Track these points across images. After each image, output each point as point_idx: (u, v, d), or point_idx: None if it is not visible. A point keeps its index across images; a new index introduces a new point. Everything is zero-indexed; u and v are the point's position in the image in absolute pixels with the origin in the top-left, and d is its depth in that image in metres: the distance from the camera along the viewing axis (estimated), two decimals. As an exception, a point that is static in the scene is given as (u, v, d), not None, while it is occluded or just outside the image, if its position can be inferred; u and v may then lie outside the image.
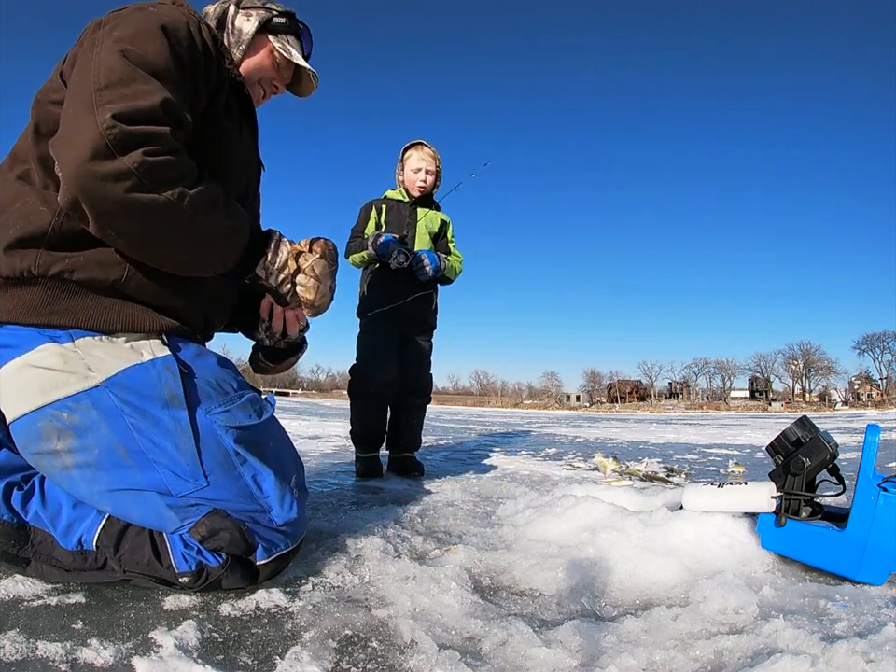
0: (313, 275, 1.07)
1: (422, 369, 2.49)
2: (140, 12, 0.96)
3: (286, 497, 0.95)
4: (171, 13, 0.98)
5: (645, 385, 76.81)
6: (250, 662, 0.70)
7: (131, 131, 0.80)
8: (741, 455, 3.71)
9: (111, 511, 0.90)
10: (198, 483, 0.88)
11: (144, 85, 0.85)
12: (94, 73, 0.84)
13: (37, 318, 0.88)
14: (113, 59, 0.85)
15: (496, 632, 0.78)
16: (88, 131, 0.79)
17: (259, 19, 1.20)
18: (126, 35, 0.89)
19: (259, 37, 1.21)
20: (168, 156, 0.84)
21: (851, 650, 0.68)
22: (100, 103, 0.81)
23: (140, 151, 0.80)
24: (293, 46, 1.25)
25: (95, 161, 0.78)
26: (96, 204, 0.81)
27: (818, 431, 1.15)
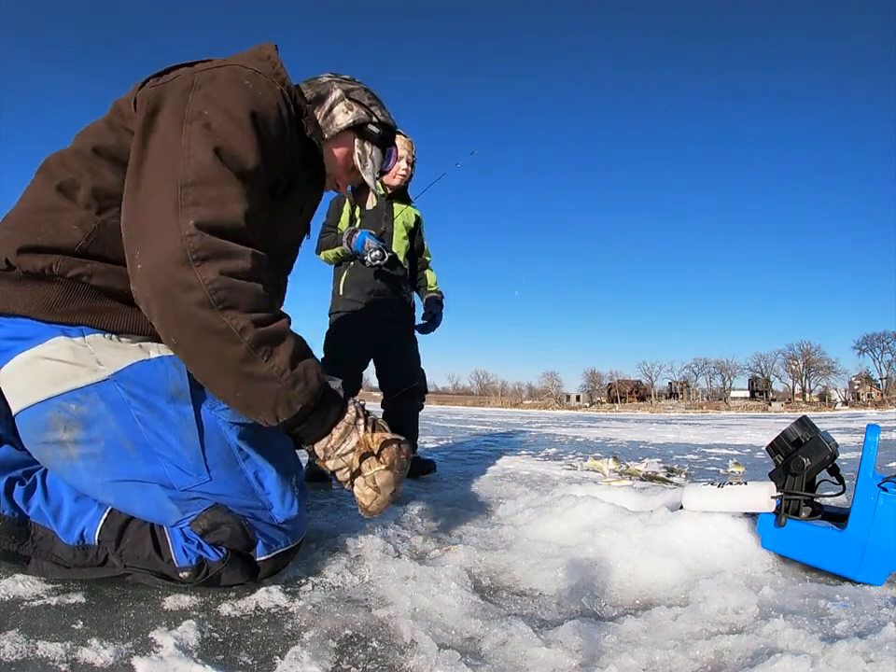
0: (372, 486, 0.94)
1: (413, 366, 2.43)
2: (235, 87, 0.93)
3: (287, 494, 0.96)
4: (264, 93, 0.95)
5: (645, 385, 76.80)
6: (250, 662, 0.70)
7: (210, 243, 0.80)
8: (741, 455, 3.71)
9: (113, 502, 0.90)
10: (200, 478, 0.89)
11: (230, 190, 0.85)
12: (183, 164, 0.83)
13: (52, 316, 0.89)
14: (203, 154, 0.84)
15: (496, 632, 0.78)
16: (170, 233, 0.79)
17: (355, 118, 1.16)
18: (218, 125, 0.87)
19: (346, 133, 1.18)
20: (246, 282, 0.82)
21: (851, 650, 0.68)
22: (185, 203, 0.81)
23: (217, 268, 0.80)
24: (373, 158, 1.22)
25: (173, 266, 0.78)
26: (161, 307, 0.81)
27: (818, 431, 1.15)
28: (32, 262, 0.89)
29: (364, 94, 1.20)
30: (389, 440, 0.96)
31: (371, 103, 1.20)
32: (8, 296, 0.89)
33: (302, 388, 0.87)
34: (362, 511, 0.97)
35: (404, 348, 2.42)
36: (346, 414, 0.95)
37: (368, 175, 1.21)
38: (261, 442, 0.96)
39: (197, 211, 0.81)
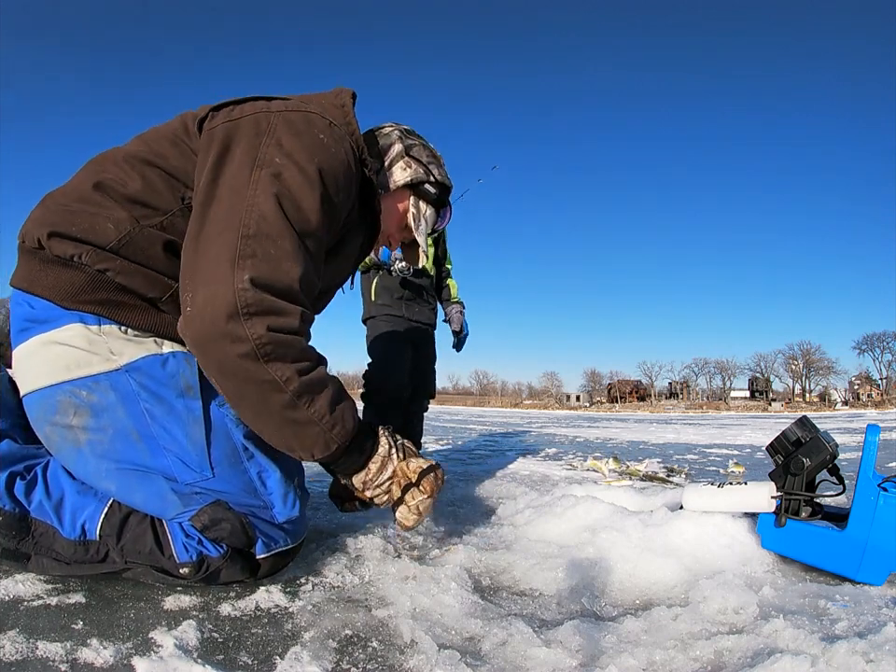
0: (416, 513, 1.02)
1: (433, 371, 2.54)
2: (308, 139, 0.93)
3: (289, 495, 0.97)
4: (336, 149, 0.96)
5: (645, 385, 76.81)
6: (250, 662, 0.70)
7: (262, 299, 0.82)
8: (741, 455, 3.71)
9: (115, 489, 0.90)
10: (204, 474, 0.90)
11: (290, 247, 0.86)
12: (247, 213, 0.85)
13: (73, 303, 0.90)
14: (267, 205, 0.86)
15: (496, 632, 0.78)
16: (224, 284, 0.81)
17: (412, 176, 1.17)
18: (287, 177, 0.88)
19: (402, 191, 1.19)
20: (291, 336, 0.85)
21: (851, 650, 0.68)
22: (244, 255, 0.82)
23: (265, 324, 0.81)
24: (426, 218, 1.22)
25: (223, 317, 0.80)
26: (207, 355, 0.83)
27: (818, 431, 1.15)
28: (62, 248, 0.90)
29: (423, 151, 1.20)
30: (426, 469, 1.02)
31: (429, 161, 1.20)
32: (34, 276, 0.92)
33: (340, 430, 0.91)
34: (401, 529, 1.05)
35: (427, 351, 2.51)
36: (380, 447, 1.00)
37: (420, 235, 1.21)
38: (266, 443, 0.96)
39: (254, 265, 0.82)
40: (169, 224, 0.94)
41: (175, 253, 0.94)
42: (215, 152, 0.91)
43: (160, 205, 0.94)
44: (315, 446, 0.90)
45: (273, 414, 0.87)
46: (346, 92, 1.07)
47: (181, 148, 0.96)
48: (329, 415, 0.90)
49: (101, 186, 0.94)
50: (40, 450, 0.98)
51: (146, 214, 0.93)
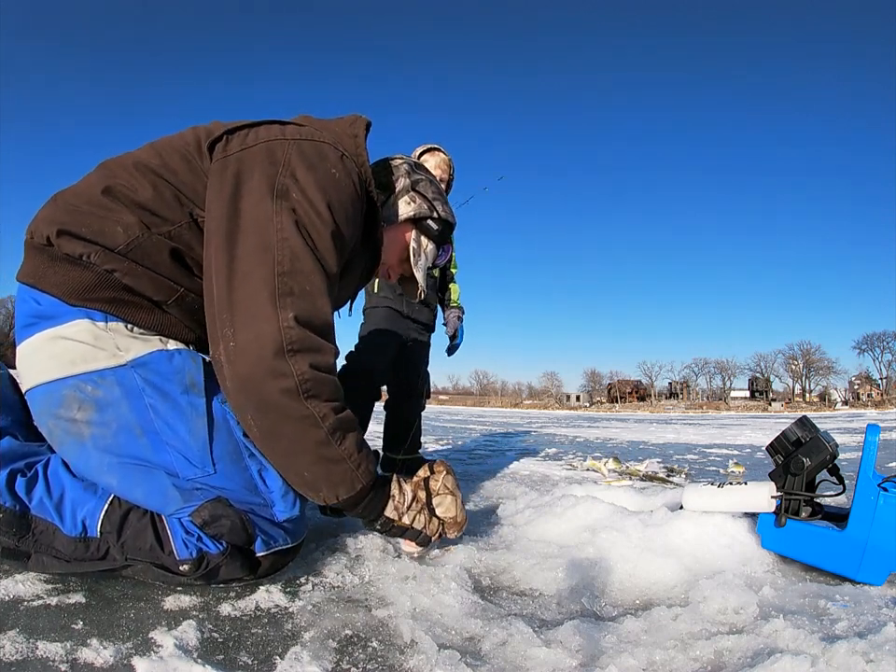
0: (447, 491, 1.07)
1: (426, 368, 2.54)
2: (321, 174, 0.94)
3: (289, 493, 0.97)
4: (346, 183, 0.98)
5: (645, 385, 76.81)
6: (250, 662, 0.70)
7: (306, 337, 0.86)
8: (741, 455, 3.71)
9: (116, 484, 0.91)
10: (205, 470, 0.90)
11: (320, 283, 0.90)
12: (280, 249, 0.87)
13: (80, 301, 0.91)
14: (297, 243, 0.89)
15: (496, 632, 0.78)
16: (269, 322, 0.84)
17: (416, 211, 1.18)
18: (304, 215, 0.90)
19: (405, 224, 1.20)
20: (329, 375, 0.89)
21: (851, 650, 0.68)
22: (283, 292, 0.86)
23: (308, 361, 0.86)
24: (427, 253, 1.23)
25: (270, 354, 0.84)
26: (251, 389, 0.86)
27: (818, 431, 1.15)
28: (71, 247, 0.91)
29: (429, 188, 1.21)
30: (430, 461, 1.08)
31: (434, 197, 1.21)
32: (42, 271, 0.92)
33: (365, 469, 0.94)
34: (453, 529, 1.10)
35: (420, 351, 2.52)
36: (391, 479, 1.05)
37: (419, 270, 1.22)
38: None
39: (295, 304, 0.86)
40: (177, 234, 0.95)
41: (181, 261, 0.96)
42: (231, 181, 0.92)
43: (168, 216, 0.95)
44: (342, 484, 0.93)
45: (307, 451, 0.89)
46: (361, 122, 1.08)
47: (192, 165, 0.98)
48: (357, 454, 0.93)
49: (111, 190, 0.95)
50: (41, 447, 0.98)
51: (154, 222, 0.94)
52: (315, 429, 0.87)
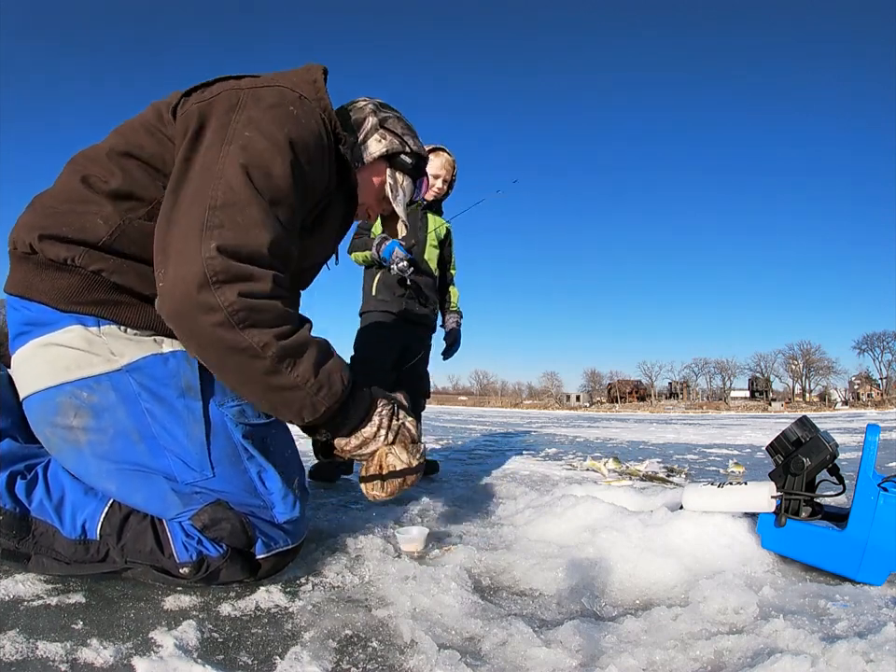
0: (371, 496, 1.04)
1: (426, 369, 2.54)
2: (279, 112, 0.92)
3: (288, 495, 0.97)
4: (308, 122, 0.95)
5: (645, 385, 76.80)
6: (250, 662, 0.70)
7: (229, 266, 0.80)
8: (741, 454, 3.71)
9: (115, 490, 0.90)
10: (204, 474, 0.90)
11: (258, 214, 0.85)
12: (214, 186, 0.84)
13: (69, 305, 0.90)
14: (236, 176, 0.85)
15: (496, 632, 0.78)
16: (193, 256, 0.80)
17: (388, 147, 1.16)
18: (256, 147, 0.87)
19: (378, 162, 1.18)
20: (265, 300, 0.83)
21: (851, 650, 0.68)
22: (210, 226, 0.81)
23: (236, 290, 0.80)
24: (404, 188, 1.22)
25: (193, 288, 0.79)
26: (183, 327, 0.83)
27: (818, 431, 1.15)
28: (55, 251, 0.90)
29: (398, 123, 1.20)
30: (398, 472, 1.01)
31: (404, 132, 1.19)
32: (29, 280, 0.91)
33: (326, 392, 0.91)
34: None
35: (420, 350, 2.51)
36: (368, 427, 1.00)
37: (398, 206, 1.21)
38: (266, 443, 0.97)
39: (221, 234, 0.81)
40: (155, 213, 0.93)
41: None
42: (189, 135, 0.90)
43: (143, 195, 0.94)
44: (304, 409, 0.90)
45: (255, 382, 0.86)
46: (317, 68, 1.06)
47: (157, 137, 0.96)
48: (313, 378, 0.88)
49: (85, 183, 0.94)
50: (41, 449, 0.97)
51: (131, 206, 0.93)
52: (258, 360, 0.83)
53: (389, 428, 1.02)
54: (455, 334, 2.59)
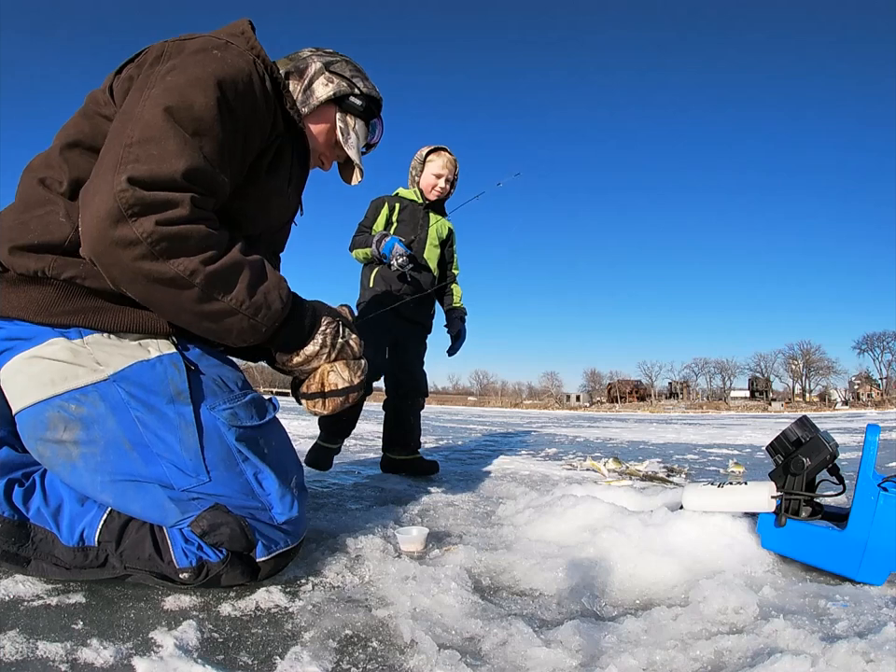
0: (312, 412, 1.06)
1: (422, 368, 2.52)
2: (203, 55, 0.91)
3: (286, 495, 0.96)
4: (235, 62, 0.92)
5: (645, 385, 76.78)
6: (250, 662, 0.70)
7: (143, 196, 0.77)
8: (741, 454, 3.71)
9: (112, 502, 0.90)
10: (200, 479, 0.89)
11: (175, 146, 0.81)
12: (132, 126, 0.82)
13: (47, 318, 0.89)
14: (153, 113, 0.82)
15: (496, 632, 0.78)
16: (106, 191, 0.77)
17: (335, 90, 1.14)
18: (176, 85, 0.85)
19: (327, 107, 1.15)
20: (185, 226, 0.80)
21: (851, 650, 0.68)
22: (124, 162, 0.79)
23: (153, 219, 0.78)
24: (357, 131, 1.19)
25: (108, 225, 0.77)
26: (106, 266, 0.81)
27: (818, 431, 1.15)
28: (25, 264, 0.88)
29: (346, 66, 1.17)
30: (340, 390, 1.02)
31: (352, 74, 1.17)
32: (4, 298, 0.90)
33: (265, 314, 0.90)
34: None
35: (415, 350, 2.49)
36: (310, 345, 0.99)
37: (351, 150, 1.17)
38: (261, 444, 0.96)
39: (134, 168, 0.78)
40: None
41: None
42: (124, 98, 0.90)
43: None
44: (244, 333, 0.90)
45: (188, 311, 0.84)
46: (243, 21, 1.04)
47: (95, 120, 0.95)
48: (248, 300, 0.87)
49: (42, 185, 0.93)
50: None
51: None
52: (188, 289, 0.81)
53: (333, 347, 1.01)
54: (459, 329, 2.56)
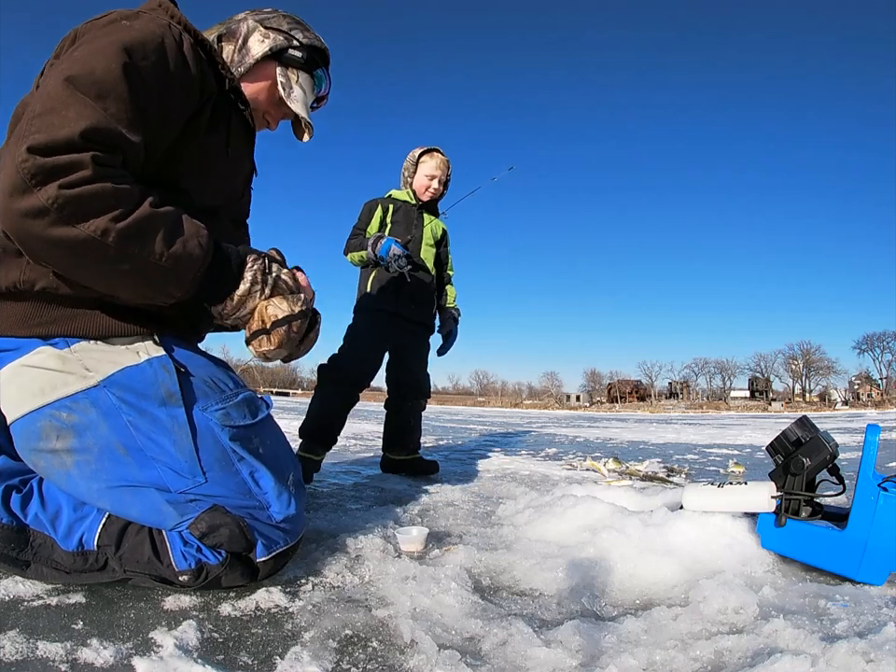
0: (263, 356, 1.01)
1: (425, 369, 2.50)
2: (111, 27, 0.88)
3: (283, 493, 0.96)
4: (144, 27, 0.89)
5: (645, 385, 76.79)
6: (250, 662, 0.70)
7: (43, 163, 0.75)
8: (741, 454, 3.71)
9: (110, 508, 0.90)
10: (196, 480, 0.88)
11: (75, 112, 0.78)
12: (35, 101, 0.79)
13: (27, 330, 0.88)
14: (55, 84, 0.80)
15: (496, 632, 0.78)
16: (9, 165, 0.75)
17: (271, 45, 1.10)
18: (80, 56, 0.83)
19: (265, 64, 1.12)
20: (90, 185, 0.77)
21: (851, 650, 0.68)
22: (27, 134, 0.76)
23: (56, 185, 0.75)
24: (301, 85, 1.14)
25: (14, 197, 0.75)
26: (21, 241, 0.78)
27: (818, 431, 1.15)
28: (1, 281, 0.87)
29: (282, 20, 1.14)
30: (281, 319, 0.97)
31: (290, 27, 1.13)
32: None
33: (187, 262, 0.86)
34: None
35: (418, 351, 2.47)
36: (241, 285, 0.95)
37: (294, 103, 1.13)
38: (255, 443, 0.95)
39: (34, 138, 0.76)
40: None
41: None
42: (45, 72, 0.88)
43: None
44: (168, 286, 0.86)
45: (109, 272, 0.82)
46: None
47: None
48: (167, 251, 0.84)
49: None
50: None
51: None
52: (103, 249, 0.78)
53: (265, 283, 0.97)
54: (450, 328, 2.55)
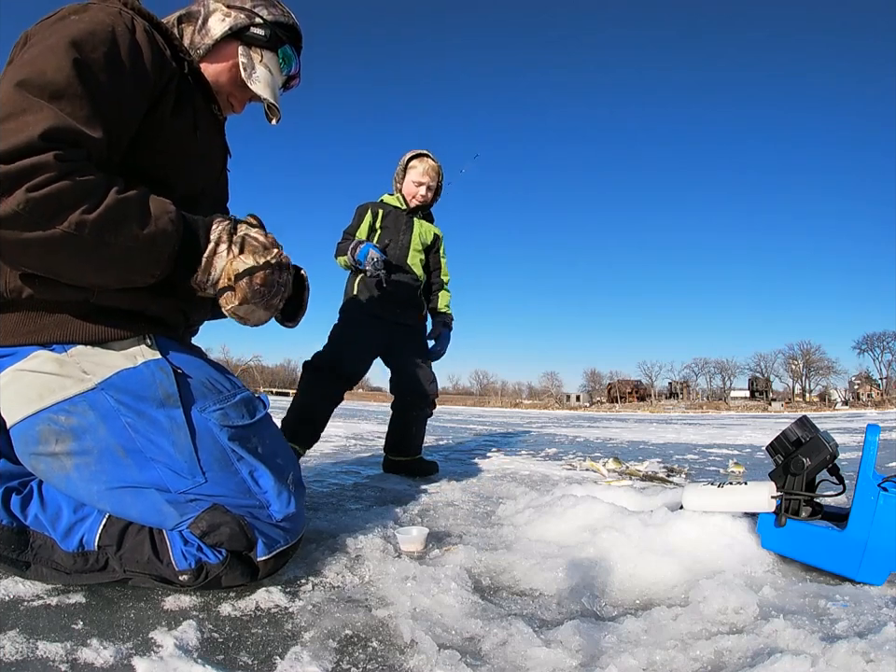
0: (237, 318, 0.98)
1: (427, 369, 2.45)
2: (59, 24, 0.87)
3: (283, 492, 0.96)
4: (93, 18, 0.88)
5: (645, 385, 76.77)
6: (250, 662, 0.70)
7: (7, 170, 0.74)
8: (741, 454, 3.71)
9: (110, 509, 0.90)
10: (196, 480, 0.89)
11: (32, 115, 0.77)
12: None
13: (18, 339, 0.88)
14: (7, 91, 0.79)
15: (496, 632, 0.78)
16: None
17: (232, 23, 1.06)
18: (30, 58, 0.82)
19: (226, 44, 1.07)
20: (56, 184, 0.77)
21: (851, 650, 0.68)
22: None
23: (23, 189, 0.74)
24: (266, 64, 1.10)
25: None
26: (4, 254, 0.78)
27: (818, 431, 1.15)
28: None
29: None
30: (242, 272, 0.93)
31: (254, 4, 1.08)
32: None
33: (162, 240, 0.86)
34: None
35: (412, 354, 2.43)
36: (207, 248, 0.93)
37: (255, 84, 1.08)
38: (254, 442, 0.96)
39: None
40: None
41: None
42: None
43: None
44: (149, 266, 0.86)
45: (86, 263, 0.82)
46: None
47: None
48: (141, 233, 0.84)
49: None
50: None
51: None
52: (80, 242, 0.78)
53: (232, 242, 0.94)
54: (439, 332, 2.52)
